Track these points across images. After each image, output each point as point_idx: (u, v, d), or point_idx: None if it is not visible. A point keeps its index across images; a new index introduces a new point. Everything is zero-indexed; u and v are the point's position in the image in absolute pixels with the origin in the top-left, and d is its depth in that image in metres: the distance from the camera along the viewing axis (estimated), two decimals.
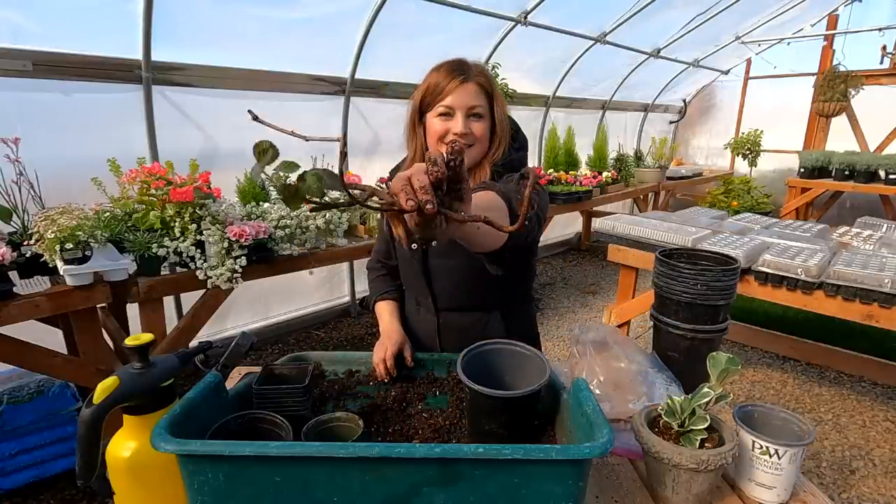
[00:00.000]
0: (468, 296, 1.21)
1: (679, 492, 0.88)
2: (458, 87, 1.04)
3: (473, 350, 0.92)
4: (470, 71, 1.06)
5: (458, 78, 1.04)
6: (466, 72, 1.06)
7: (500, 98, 1.11)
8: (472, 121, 1.07)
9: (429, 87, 1.07)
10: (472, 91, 1.05)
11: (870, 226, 2.99)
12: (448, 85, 1.04)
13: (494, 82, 1.11)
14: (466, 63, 1.08)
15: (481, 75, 1.08)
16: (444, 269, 1.18)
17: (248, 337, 0.96)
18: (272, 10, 2.84)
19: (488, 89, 1.08)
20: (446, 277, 1.20)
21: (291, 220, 2.42)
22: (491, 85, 1.09)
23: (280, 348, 3.45)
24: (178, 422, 0.72)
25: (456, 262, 1.16)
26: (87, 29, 2.40)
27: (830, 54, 5.87)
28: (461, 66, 1.07)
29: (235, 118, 3.05)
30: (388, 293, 1.33)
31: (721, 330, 1.25)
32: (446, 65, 1.08)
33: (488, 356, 0.94)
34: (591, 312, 4.17)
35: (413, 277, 1.24)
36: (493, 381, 0.86)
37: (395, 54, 3.54)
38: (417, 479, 0.68)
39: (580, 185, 4.57)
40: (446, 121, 1.07)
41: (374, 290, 1.37)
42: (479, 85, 1.06)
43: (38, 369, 1.95)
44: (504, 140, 1.12)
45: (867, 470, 2.30)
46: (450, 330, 1.24)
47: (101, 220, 1.89)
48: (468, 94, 1.04)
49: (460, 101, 1.05)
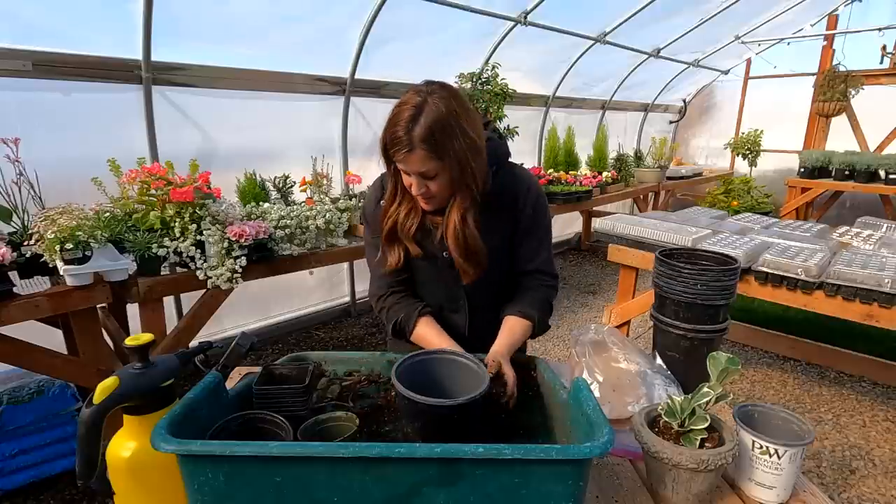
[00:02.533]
0: (497, 295, 1.25)
1: (679, 492, 0.88)
2: (404, 158, 1.02)
3: (418, 357, 0.94)
4: (413, 138, 1.00)
5: (403, 149, 1.01)
6: (410, 142, 1.00)
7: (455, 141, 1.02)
8: (428, 181, 1.07)
9: (385, 140, 1.05)
10: (418, 160, 1.02)
11: (870, 226, 2.99)
12: (396, 153, 1.03)
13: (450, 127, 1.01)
14: (415, 122, 1.00)
15: (426, 139, 0.99)
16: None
17: (248, 337, 0.96)
18: (272, 10, 2.84)
19: (436, 149, 1.01)
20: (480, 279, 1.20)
21: (291, 220, 2.42)
22: (440, 139, 1.00)
23: (280, 348, 3.45)
24: (178, 422, 0.72)
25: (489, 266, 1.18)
26: (88, 29, 2.40)
27: (830, 54, 5.87)
28: (408, 128, 1.00)
29: (235, 118, 3.05)
30: (425, 308, 1.22)
31: (721, 330, 1.25)
32: (395, 119, 1.02)
33: (430, 365, 0.95)
34: (591, 312, 4.17)
35: (443, 280, 1.24)
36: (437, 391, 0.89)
37: (395, 54, 3.54)
38: (418, 479, 0.68)
39: (580, 185, 4.58)
40: (408, 176, 1.08)
41: (404, 311, 1.21)
42: (423, 152, 1.01)
43: (38, 369, 1.95)
44: (468, 183, 1.08)
45: (867, 470, 2.30)
46: (477, 328, 1.25)
47: (101, 220, 1.89)
48: (414, 164, 1.03)
49: (410, 169, 1.05)
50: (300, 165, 3.12)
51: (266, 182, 2.87)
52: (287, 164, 3.15)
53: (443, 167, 1.04)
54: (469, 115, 1.05)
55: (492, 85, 3.63)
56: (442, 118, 1.00)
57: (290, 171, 2.96)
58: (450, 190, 1.10)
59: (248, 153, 3.09)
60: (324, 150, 3.13)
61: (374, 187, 1.29)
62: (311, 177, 2.89)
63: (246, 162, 2.93)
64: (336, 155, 3.61)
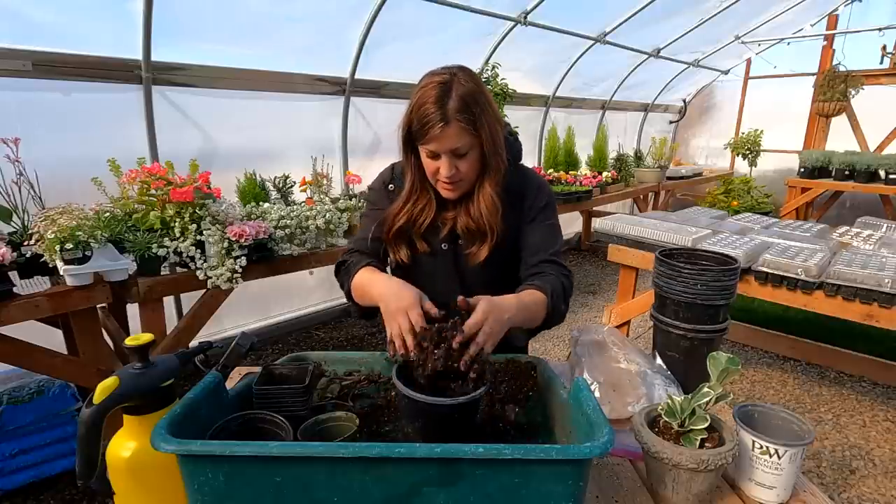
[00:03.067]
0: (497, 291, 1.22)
1: (679, 492, 0.88)
2: (439, 134, 1.01)
3: None
4: (448, 111, 1.00)
5: (437, 124, 1.01)
6: (444, 116, 1.00)
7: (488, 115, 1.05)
8: (458, 161, 1.06)
9: (412, 124, 1.05)
10: (454, 134, 1.02)
11: (870, 226, 2.99)
12: (430, 130, 1.02)
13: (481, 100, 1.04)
14: (448, 97, 1.01)
15: (462, 110, 1.01)
16: (475, 267, 1.19)
17: (248, 337, 0.96)
18: (272, 10, 2.84)
19: (472, 121, 1.02)
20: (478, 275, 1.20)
21: (291, 220, 2.42)
22: (475, 111, 1.02)
23: (280, 348, 3.45)
24: (178, 422, 0.72)
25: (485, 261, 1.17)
26: (88, 29, 2.40)
27: (830, 54, 5.88)
28: (441, 102, 1.01)
29: (235, 118, 3.05)
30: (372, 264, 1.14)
31: (721, 330, 1.25)
32: (423, 98, 1.02)
33: None
34: (591, 312, 4.17)
35: (441, 280, 1.22)
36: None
37: (396, 54, 3.54)
38: (418, 479, 0.68)
39: (580, 185, 4.58)
40: (435, 160, 1.07)
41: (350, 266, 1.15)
42: (460, 124, 1.01)
43: (38, 369, 1.95)
44: (500, 157, 1.10)
45: (867, 470, 2.30)
46: None
47: (101, 220, 1.89)
48: (450, 139, 1.02)
49: (443, 147, 1.04)
50: (300, 165, 3.12)
51: (266, 182, 2.87)
52: (287, 164, 3.15)
53: (476, 142, 1.05)
54: (489, 93, 1.09)
55: (492, 85, 3.63)
56: (473, 91, 1.03)
57: (290, 171, 2.96)
58: (477, 169, 1.10)
59: (248, 153, 3.09)
60: (324, 150, 3.13)
61: (383, 173, 1.29)
62: (311, 177, 2.89)
63: (246, 162, 2.93)
64: (336, 155, 3.61)
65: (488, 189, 1.12)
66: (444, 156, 1.05)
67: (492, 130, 1.06)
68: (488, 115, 1.05)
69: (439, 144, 1.04)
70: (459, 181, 1.10)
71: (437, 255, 1.20)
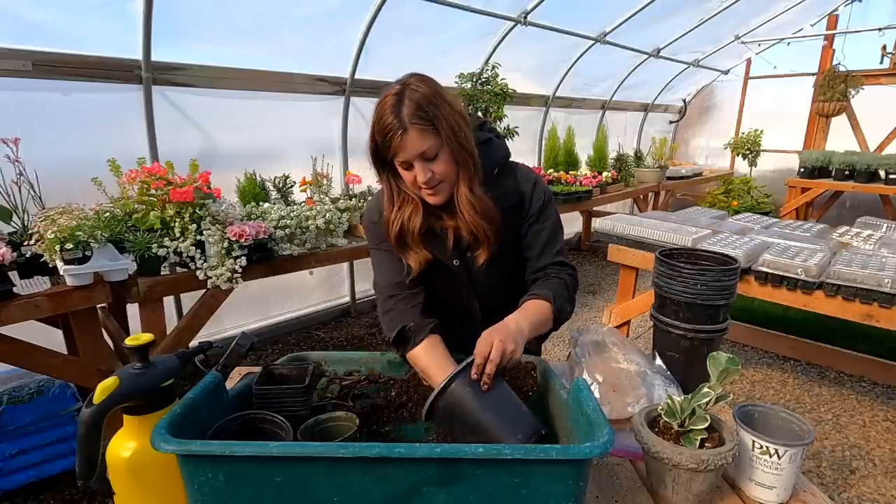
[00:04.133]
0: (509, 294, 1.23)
1: (679, 492, 0.88)
2: (400, 142, 1.00)
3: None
4: (404, 118, 0.99)
5: (397, 132, 0.99)
6: (401, 123, 0.99)
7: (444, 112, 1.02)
8: (430, 164, 1.05)
9: (376, 139, 1.04)
10: (416, 138, 1.00)
11: (870, 226, 2.99)
12: (392, 140, 1.01)
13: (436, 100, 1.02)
14: (401, 104, 1.00)
15: (416, 114, 0.99)
16: (487, 274, 1.19)
17: (248, 337, 0.96)
18: (272, 10, 2.84)
19: (429, 120, 1.00)
20: (490, 280, 1.20)
21: (291, 220, 2.42)
22: (429, 111, 1.00)
23: (280, 348, 3.45)
24: (178, 422, 0.72)
25: (496, 266, 1.17)
26: (88, 29, 2.40)
27: (830, 54, 5.87)
28: (396, 111, 1.00)
29: (235, 118, 3.05)
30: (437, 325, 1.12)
31: (721, 330, 1.25)
32: (380, 112, 1.02)
33: None
34: (591, 312, 4.18)
35: (456, 291, 1.22)
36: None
37: (396, 54, 3.54)
38: (418, 479, 0.68)
39: (580, 185, 4.58)
40: (409, 170, 1.06)
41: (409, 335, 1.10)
42: (417, 126, 1.00)
43: (38, 369, 1.95)
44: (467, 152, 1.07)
45: (867, 470, 2.30)
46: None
47: (101, 220, 1.89)
48: (413, 144, 1.01)
49: (409, 153, 1.02)
50: (300, 165, 3.12)
51: (266, 182, 2.87)
52: (287, 164, 3.15)
53: (440, 142, 1.03)
54: (446, 93, 1.07)
55: (492, 85, 3.63)
56: (426, 93, 1.01)
57: (290, 171, 2.96)
58: (454, 168, 1.08)
59: (248, 153, 3.09)
60: (324, 150, 3.13)
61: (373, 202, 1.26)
62: (311, 177, 2.89)
63: (246, 162, 2.93)
64: (336, 155, 3.61)
65: (464, 191, 1.09)
66: (416, 163, 1.04)
67: (452, 126, 1.03)
68: (445, 112, 1.03)
69: (405, 152, 1.03)
70: (439, 183, 1.08)
71: (451, 270, 1.19)
